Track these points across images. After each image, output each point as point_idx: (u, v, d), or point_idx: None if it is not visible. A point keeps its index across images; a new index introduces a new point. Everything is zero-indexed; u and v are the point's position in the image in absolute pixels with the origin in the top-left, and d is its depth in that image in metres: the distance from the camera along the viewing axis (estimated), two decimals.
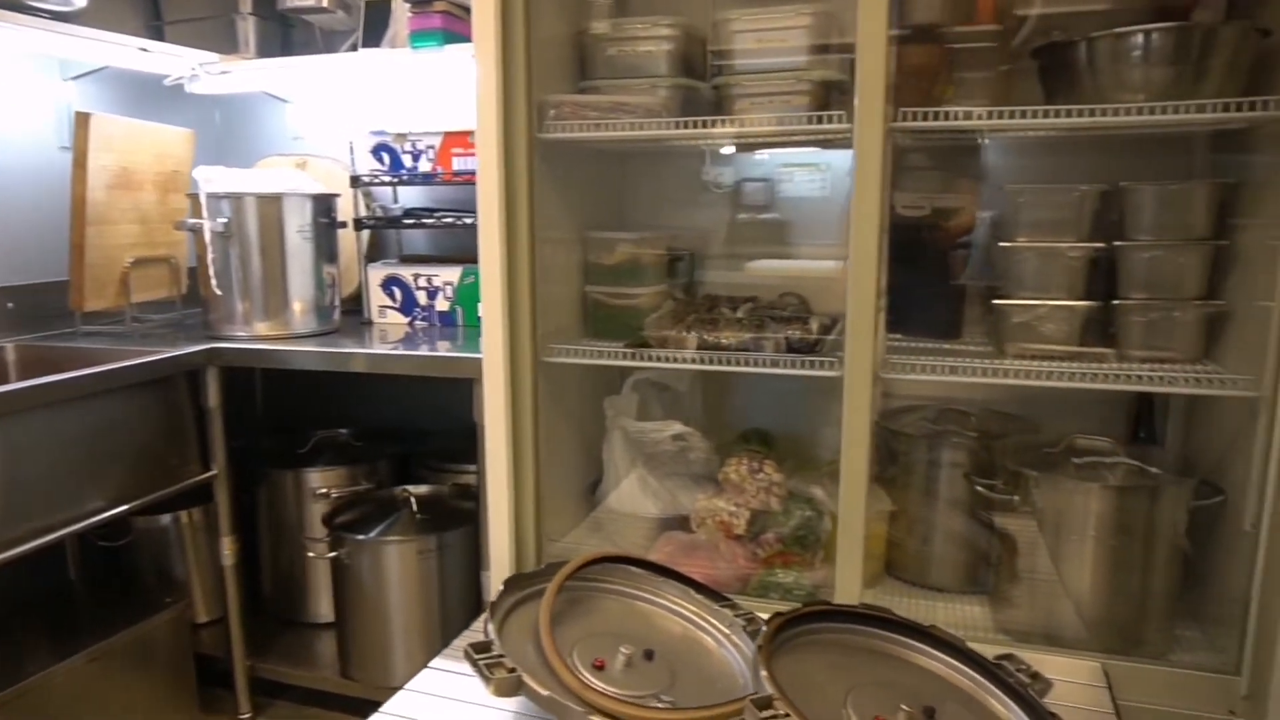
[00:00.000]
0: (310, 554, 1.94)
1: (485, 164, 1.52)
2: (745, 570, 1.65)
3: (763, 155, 1.99)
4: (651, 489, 1.78)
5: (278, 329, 1.97)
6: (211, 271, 1.88)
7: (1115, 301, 1.50)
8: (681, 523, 1.75)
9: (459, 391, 1.71)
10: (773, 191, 2.01)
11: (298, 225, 1.97)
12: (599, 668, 1.19)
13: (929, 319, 1.76)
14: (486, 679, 1.07)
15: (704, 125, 1.53)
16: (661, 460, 1.80)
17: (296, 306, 1.99)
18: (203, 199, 1.85)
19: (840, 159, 1.87)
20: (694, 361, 1.58)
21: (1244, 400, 1.35)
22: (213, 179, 1.87)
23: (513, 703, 1.19)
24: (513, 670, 1.09)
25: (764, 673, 1.05)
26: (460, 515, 1.90)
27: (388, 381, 2.33)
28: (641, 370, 1.82)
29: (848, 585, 1.46)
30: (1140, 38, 1.33)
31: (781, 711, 0.99)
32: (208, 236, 1.86)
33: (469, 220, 2.05)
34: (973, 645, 1.25)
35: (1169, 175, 1.62)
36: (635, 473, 1.80)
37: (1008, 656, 1.25)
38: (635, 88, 1.66)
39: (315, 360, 1.80)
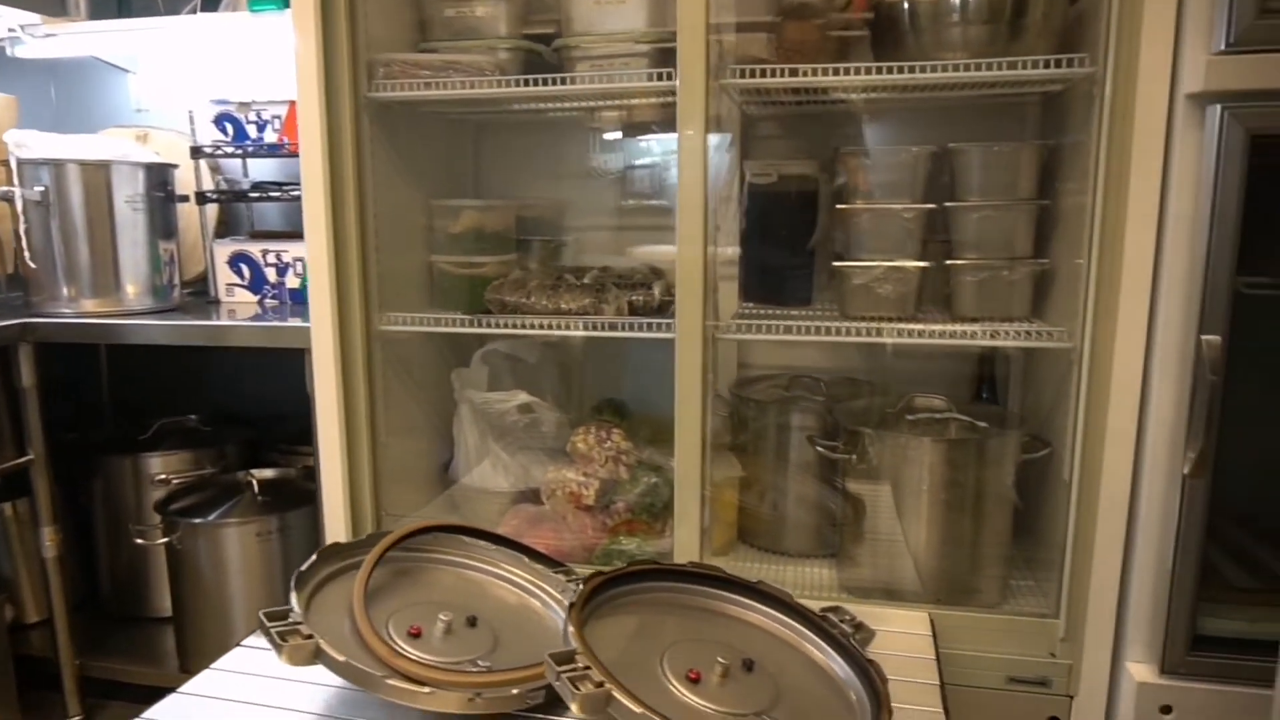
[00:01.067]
0: (139, 540, 1.83)
1: (307, 125, 1.45)
2: (593, 540, 1.62)
3: (649, 140, 1.97)
4: (503, 463, 1.74)
5: (107, 307, 1.86)
6: (26, 244, 1.76)
7: (948, 262, 1.53)
8: (535, 496, 1.72)
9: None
10: (660, 177, 1.99)
11: (127, 196, 1.85)
12: (415, 635, 1.15)
13: (783, 287, 1.76)
14: (279, 646, 1.02)
15: (536, 84, 1.49)
16: (513, 434, 1.76)
17: (128, 284, 1.88)
18: (14, 165, 1.73)
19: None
20: (533, 327, 1.54)
21: (1065, 354, 1.39)
22: (26, 144, 1.75)
23: (322, 675, 1.13)
24: (309, 637, 1.04)
25: (570, 629, 1.02)
26: (306, 496, 1.81)
27: (241, 363, 2.23)
28: (491, 341, 1.77)
29: (687, 547, 1.45)
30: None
31: (581, 665, 0.96)
32: (20, 205, 1.73)
33: None
34: (804, 600, 1.25)
35: (1005, 140, 1.66)
36: (485, 447, 1.75)
37: (834, 609, 1.25)
38: (475, 49, 1.62)
39: (138, 333, 1.70)
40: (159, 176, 1.93)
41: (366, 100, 1.52)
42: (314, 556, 1.23)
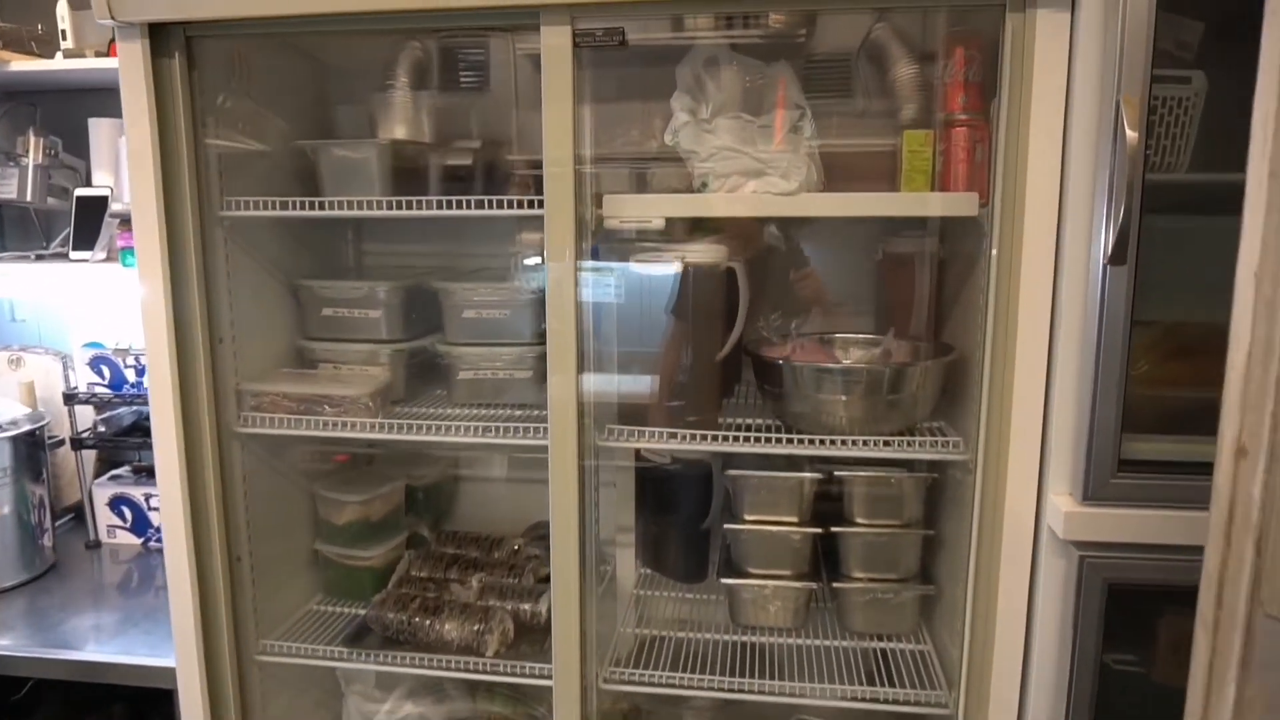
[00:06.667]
0: None
1: (164, 466, 1.38)
2: None
3: None
4: None
5: None
6: None
7: (835, 585, 1.52)
8: None
9: None
10: None
11: None
12: None
13: (678, 560, 1.75)
14: None
15: (411, 431, 1.44)
16: None
17: None
18: None
19: None
20: (414, 664, 1.49)
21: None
22: None
23: None
24: None
25: None
26: None
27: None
28: None
29: None
30: (840, 376, 1.33)
31: None
32: None
33: None
34: None
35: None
36: None
37: None
38: (352, 355, 1.57)
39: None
40: (28, 440, 1.83)
41: (234, 433, 1.45)
42: None
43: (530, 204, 1.27)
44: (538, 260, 1.42)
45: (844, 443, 1.31)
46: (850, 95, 1.55)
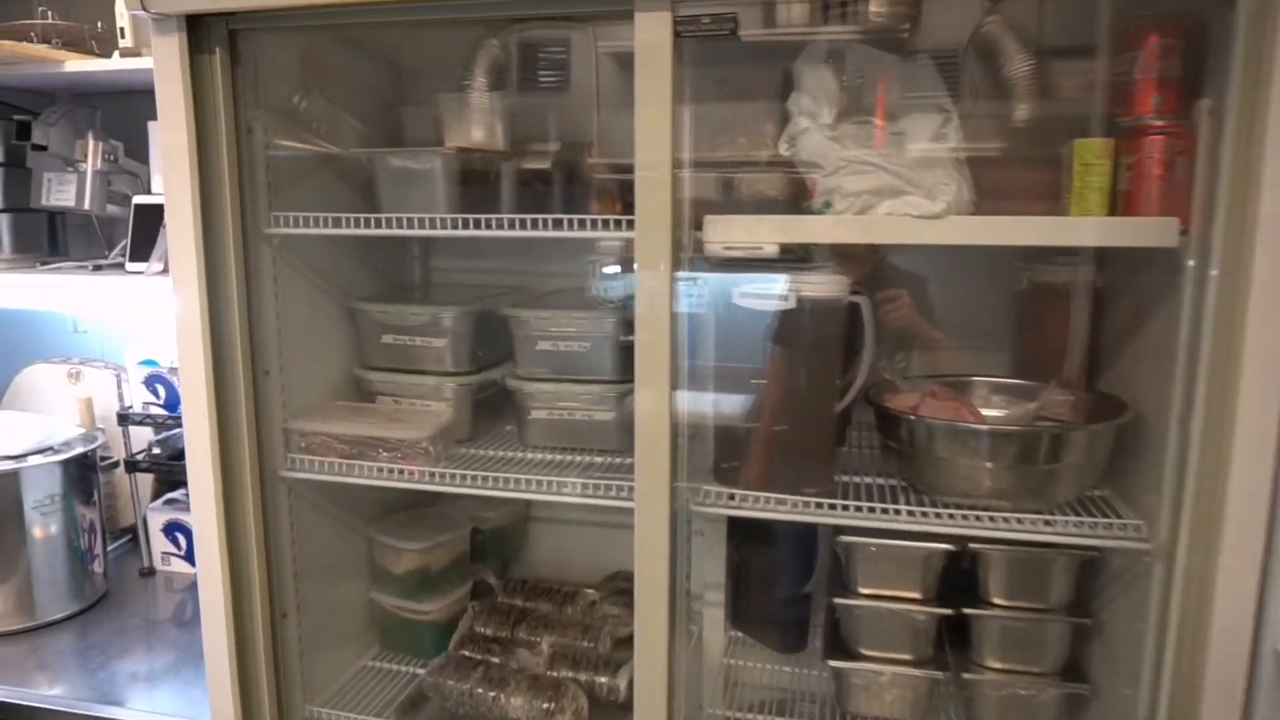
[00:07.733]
0: None
1: (201, 515, 1.22)
2: None
3: None
4: None
5: (17, 622, 1.65)
6: None
7: (965, 676, 1.28)
8: None
9: None
10: None
11: (36, 500, 1.64)
12: None
13: (775, 627, 1.54)
14: None
15: (474, 483, 1.25)
16: None
17: (40, 593, 1.67)
18: None
19: None
20: None
21: None
22: None
23: None
24: None
25: None
26: None
27: None
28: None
29: None
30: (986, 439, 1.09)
31: None
32: None
33: None
34: None
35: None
36: None
37: None
38: (414, 388, 1.40)
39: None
40: (80, 464, 1.72)
41: (281, 478, 1.30)
42: None
43: (620, 224, 1.07)
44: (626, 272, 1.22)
45: (991, 519, 1.07)
46: (961, 95, 1.30)
